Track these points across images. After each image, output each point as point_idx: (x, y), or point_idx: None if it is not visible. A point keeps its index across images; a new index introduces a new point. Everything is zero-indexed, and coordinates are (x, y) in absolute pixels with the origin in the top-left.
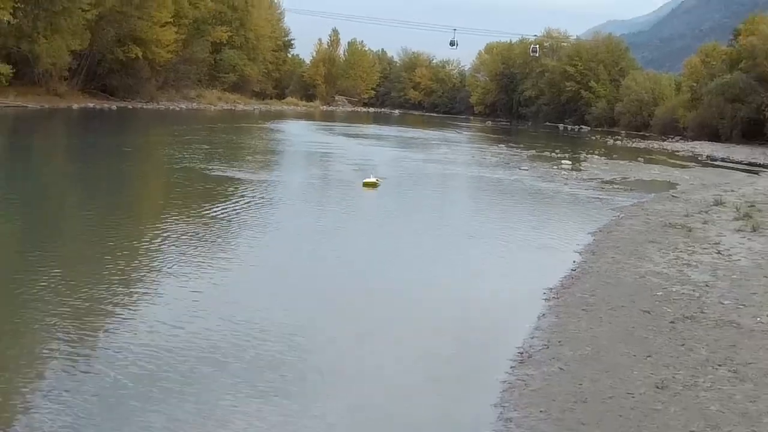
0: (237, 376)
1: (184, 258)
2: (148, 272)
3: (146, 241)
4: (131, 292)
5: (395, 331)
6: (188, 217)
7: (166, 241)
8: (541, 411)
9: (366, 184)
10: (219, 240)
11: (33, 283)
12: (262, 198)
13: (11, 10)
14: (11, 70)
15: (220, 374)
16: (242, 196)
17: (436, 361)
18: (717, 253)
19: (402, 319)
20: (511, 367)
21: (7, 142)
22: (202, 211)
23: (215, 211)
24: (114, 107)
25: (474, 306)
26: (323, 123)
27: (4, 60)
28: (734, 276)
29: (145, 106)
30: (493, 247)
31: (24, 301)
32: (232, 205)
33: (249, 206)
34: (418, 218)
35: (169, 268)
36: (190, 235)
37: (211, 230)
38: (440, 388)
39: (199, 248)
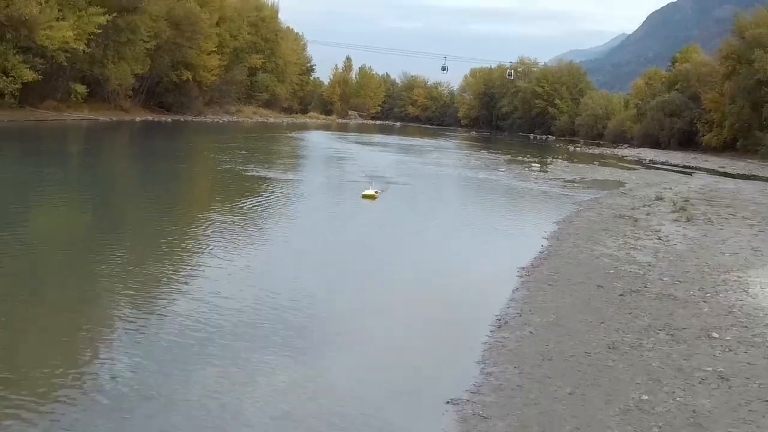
0: (266, 335)
1: (224, 240)
2: (196, 251)
3: (195, 226)
4: (184, 266)
5: (395, 302)
6: (227, 208)
7: (210, 226)
8: (515, 367)
9: (365, 196)
10: (252, 226)
11: (109, 257)
12: (288, 193)
13: (86, 41)
14: (86, 90)
15: (253, 334)
16: (272, 191)
17: (428, 326)
18: (658, 239)
19: (401, 293)
20: (491, 331)
21: (86, 147)
22: (239, 203)
23: (249, 204)
24: (169, 120)
25: (460, 282)
26: (338, 132)
27: (79, 81)
28: (671, 258)
29: (194, 119)
30: (476, 235)
31: (101, 270)
32: (264, 199)
33: (277, 200)
34: (414, 210)
35: (212, 248)
36: (229, 222)
37: (246, 219)
38: (432, 348)
39: (236, 233)
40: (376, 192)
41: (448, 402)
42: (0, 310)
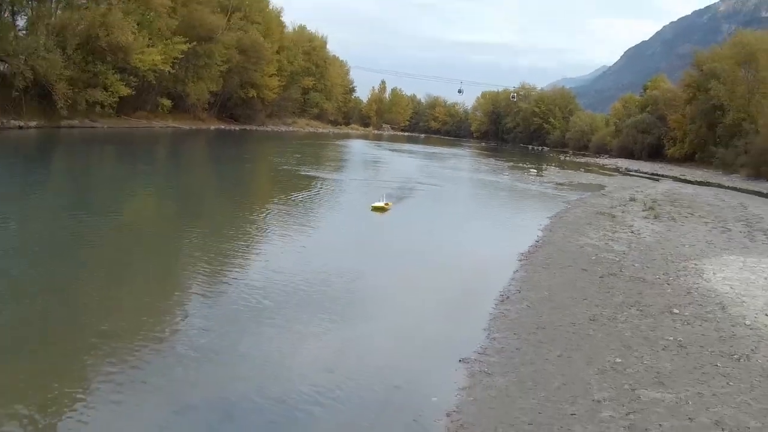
0: (315, 303)
1: (281, 225)
2: (258, 233)
3: (257, 214)
4: (248, 246)
5: (418, 280)
6: (283, 199)
7: (270, 214)
8: (514, 334)
9: (375, 209)
10: (303, 215)
11: (189, 236)
12: (333, 189)
13: (171, 64)
14: (170, 103)
15: (305, 301)
16: (320, 187)
17: (445, 299)
18: (631, 232)
19: (422, 273)
20: (495, 305)
21: (170, 149)
22: (292, 196)
23: (301, 197)
24: (237, 129)
25: (471, 264)
26: (374, 141)
27: (165, 96)
28: (642, 248)
29: (257, 129)
30: (484, 226)
31: (183, 247)
32: (313, 193)
33: (324, 194)
34: (434, 205)
35: (271, 231)
36: (285, 211)
37: (298, 209)
38: (448, 317)
39: (290, 220)
40: (386, 204)
41: (460, 360)
42: (105, 276)
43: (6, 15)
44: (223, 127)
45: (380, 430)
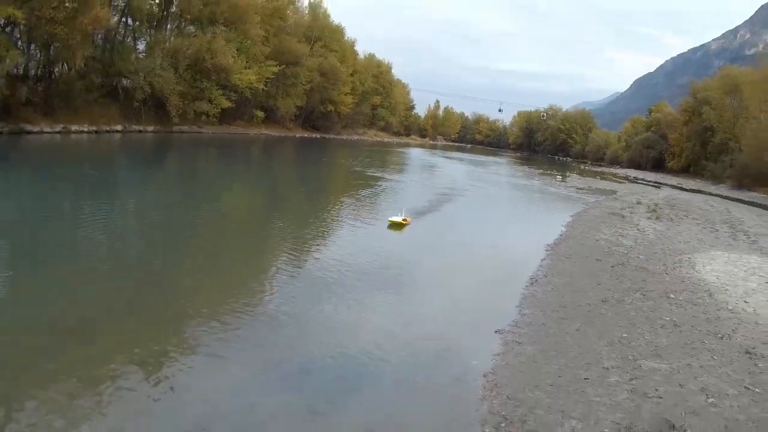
0: (376, 282)
1: (351, 215)
2: (332, 222)
3: (332, 206)
4: (322, 232)
5: (460, 265)
6: (354, 194)
7: (343, 207)
8: (540, 311)
9: (392, 224)
10: (371, 208)
11: (273, 224)
12: (394, 187)
13: (264, 83)
14: (263, 114)
15: (367, 280)
16: (384, 185)
17: (484, 281)
18: (637, 230)
19: (464, 259)
20: (525, 286)
21: (261, 152)
22: (361, 192)
23: (368, 192)
24: (318, 136)
25: (507, 253)
26: (430, 150)
27: (259, 108)
28: (645, 243)
29: (334, 137)
30: (519, 221)
31: (268, 233)
32: (378, 190)
33: (387, 191)
34: (478, 202)
35: (344, 220)
36: (355, 205)
37: (367, 203)
38: (486, 296)
39: (359, 211)
40: (404, 219)
41: (496, 331)
42: (208, 255)
43: (129, 40)
44: (306, 135)
45: (431, 385)
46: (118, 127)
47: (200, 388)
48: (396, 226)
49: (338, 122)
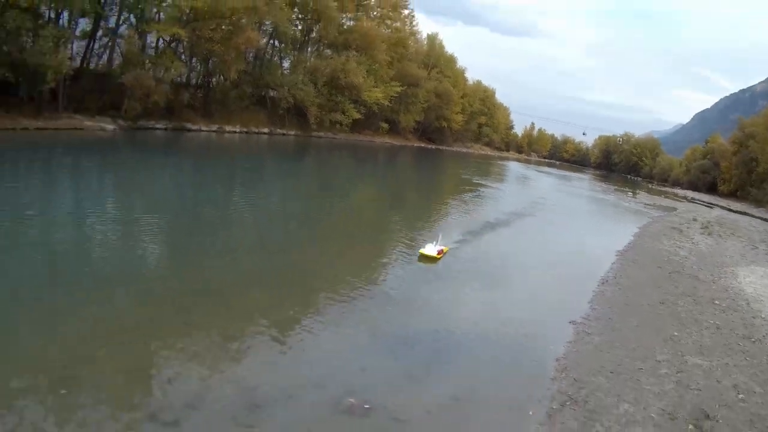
0: (469, 272)
1: (457, 213)
2: (440, 217)
3: (442, 205)
4: (433, 225)
5: (541, 265)
6: (461, 196)
7: (450, 206)
8: (608, 307)
9: (423, 257)
10: (473, 210)
11: (390, 218)
12: (495, 194)
13: (389, 100)
14: (387, 126)
15: (462, 269)
16: (488, 192)
17: (561, 280)
18: (692, 243)
19: (545, 260)
20: (597, 286)
21: (386, 157)
22: (468, 195)
23: (473, 196)
24: (432, 147)
25: (582, 255)
26: (524, 164)
27: (384, 121)
28: (698, 255)
29: (446, 149)
30: (595, 229)
31: (392, 223)
32: (483, 195)
33: (490, 196)
34: (562, 211)
35: (450, 216)
36: (461, 204)
37: (471, 205)
38: (562, 292)
39: (464, 211)
40: (440, 251)
41: (569, 322)
42: (335, 240)
43: (275, 59)
44: (422, 145)
45: (512, 363)
46: (265, 130)
47: (318, 350)
48: (427, 259)
49: (450, 136)
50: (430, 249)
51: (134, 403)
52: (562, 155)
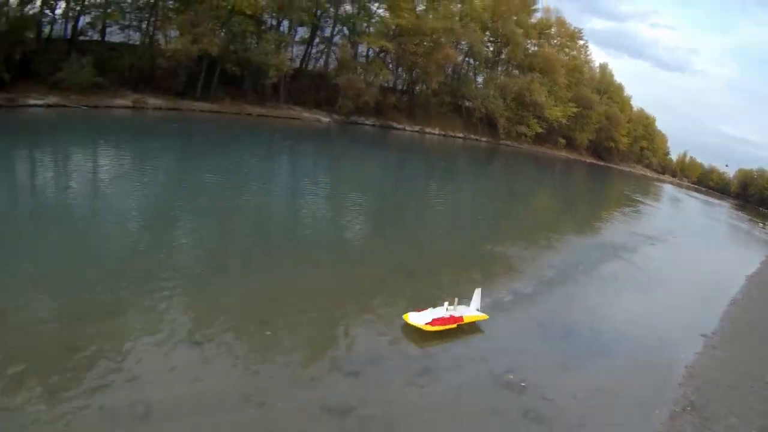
0: (609, 278)
1: (614, 226)
2: (603, 227)
3: (602, 216)
4: (594, 233)
5: (684, 279)
6: (620, 210)
7: (607, 219)
8: (736, 325)
9: (467, 319)
10: (635, 223)
11: (560, 221)
12: (650, 211)
13: (566, 118)
14: (565, 142)
15: (614, 277)
16: (645, 209)
17: (697, 294)
18: None
19: (686, 276)
20: (727, 305)
21: (563, 169)
22: (627, 209)
23: (633, 211)
24: (601, 164)
25: (715, 276)
26: (677, 187)
27: (562, 137)
28: None
29: (613, 166)
30: (728, 254)
31: (556, 227)
32: (641, 210)
33: (647, 212)
34: (701, 231)
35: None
36: (618, 216)
37: (628, 217)
38: (696, 308)
39: (623, 225)
40: (478, 315)
41: (700, 335)
42: (515, 232)
43: (470, 74)
44: (593, 161)
45: (649, 366)
46: (460, 135)
47: (488, 329)
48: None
49: (616, 155)
50: (471, 310)
51: (323, 355)
52: (707, 183)
